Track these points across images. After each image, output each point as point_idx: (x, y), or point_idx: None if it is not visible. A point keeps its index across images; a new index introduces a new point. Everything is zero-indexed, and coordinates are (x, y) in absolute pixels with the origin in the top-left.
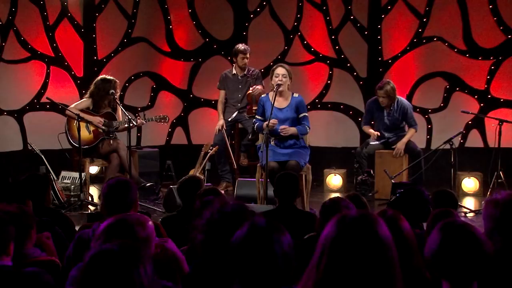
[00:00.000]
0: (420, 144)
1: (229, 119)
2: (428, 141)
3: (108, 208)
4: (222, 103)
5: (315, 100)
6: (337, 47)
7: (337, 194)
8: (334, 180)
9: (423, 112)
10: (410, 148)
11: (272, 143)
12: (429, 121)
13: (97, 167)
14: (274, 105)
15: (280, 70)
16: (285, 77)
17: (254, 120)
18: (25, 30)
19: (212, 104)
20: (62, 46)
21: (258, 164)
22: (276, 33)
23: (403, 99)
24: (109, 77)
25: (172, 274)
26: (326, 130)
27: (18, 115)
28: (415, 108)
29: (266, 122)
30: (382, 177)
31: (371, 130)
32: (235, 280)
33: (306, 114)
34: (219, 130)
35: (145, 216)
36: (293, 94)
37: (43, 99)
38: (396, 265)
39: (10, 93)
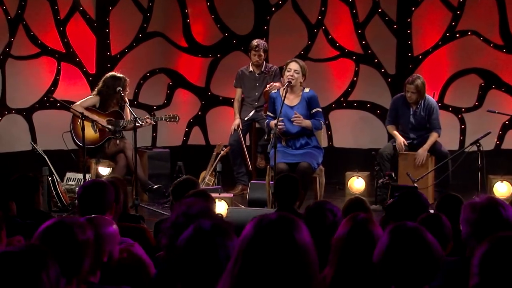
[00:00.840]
0: (453, 145)
1: (246, 118)
2: (461, 143)
3: (82, 210)
4: (238, 102)
5: (340, 98)
6: (363, 42)
7: None
8: (357, 183)
9: (456, 111)
10: (436, 150)
11: (283, 143)
12: (462, 121)
13: (108, 168)
14: (285, 102)
15: (293, 65)
16: (297, 73)
17: (267, 118)
18: (34, 24)
19: (231, 103)
20: (74, 41)
21: (268, 166)
22: (299, 27)
23: (430, 98)
24: (119, 74)
25: (138, 279)
26: (351, 130)
27: (27, 113)
28: (447, 107)
29: (274, 121)
30: (406, 181)
31: (398, 135)
32: (177, 284)
33: (320, 109)
34: (234, 129)
35: (104, 219)
36: (304, 89)
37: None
38: (314, 271)
39: (19, 90)
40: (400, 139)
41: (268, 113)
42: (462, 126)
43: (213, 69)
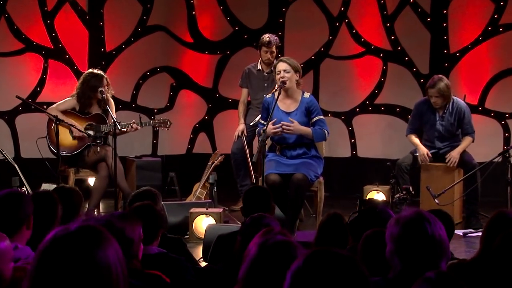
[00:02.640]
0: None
1: (251, 124)
2: (506, 153)
3: None
4: (244, 104)
5: (365, 101)
6: (392, 37)
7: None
8: (377, 198)
9: (499, 117)
10: (464, 161)
11: (277, 152)
12: (506, 128)
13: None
14: (281, 108)
15: (280, 66)
16: (287, 72)
17: (258, 125)
18: (18, 17)
19: None
20: (63, 36)
21: (260, 178)
22: (318, 20)
23: (459, 100)
24: (96, 71)
25: None
26: (377, 138)
27: (9, 117)
28: (488, 112)
29: (265, 127)
30: (429, 196)
31: (420, 146)
32: None
33: (322, 117)
34: (238, 136)
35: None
36: (303, 93)
37: (39, 98)
38: None
39: (0, 91)
40: (423, 150)
41: (261, 120)
42: (506, 134)
43: (221, 68)
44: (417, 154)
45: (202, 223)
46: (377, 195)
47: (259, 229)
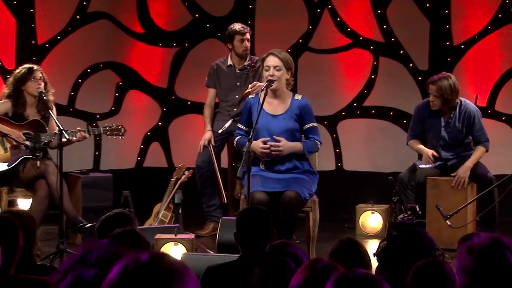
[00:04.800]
0: (508, 169)
1: (220, 131)
2: None
3: None
4: (210, 107)
5: (353, 103)
6: (385, 27)
7: (376, 242)
8: (372, 220)
9: (511, 121)
10: (478, 174)
11: (261, 166)
12: None
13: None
14: (267, 110)
15: (271, 60)
16: (278, 70)
17: (236, 132)
18: None
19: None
20: None
21: (242, 196)
22: (296, 6)
23: (469, 102)
24: (27, 65)
25: None
26: (368, 147)
27: None
28: (499, 115)
29: (250, 136)
30: (437, 216)
31: (424, 148)
32: None
33: (315, 124)
34: (204, 146)
35: None
36: (294, 95)
37: None
38: None
39: None
40: (427, 150)
41: (239, 125)
42: None
43: (178, 64)
44: (421, 166)
45: (170, 251)
46: (372, 216)
47: (283, 260)
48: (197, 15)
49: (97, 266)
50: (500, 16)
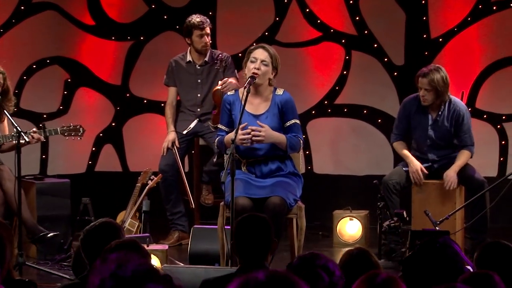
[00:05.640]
0: (489, 170)
1: (184, 132)
2: (502, 166)
3: None
4: (172, 107)
5: (323, 101)
6: (357, 18)
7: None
8: (350, 227)
9: (494, 119)
10: (467, 177)
11: (243, 168)
12: (502, 134)
13: None
14: (247, 109)
15: (259, 53)
16: (265, 65)
17: (218, 133)
18: None
19: (161, 109)
20: None
21: (222, 203)
22: None
23: (458, 100)
24: None
25: None
26: (339, 149)
27: None
28: (480, 113)
29: (231, 135)
30: (424, 222)
31: (414, 161)
32: None
33: (297, 121)
34: (168, 148)
35: None
36: (275, 90)
37: None
38: None
39: None
40: (416, 165)
41: (220, 125)
42: (503, 142)
43: (133, 59)
44: (406, 169)
45: None
46: (350, 223)
47: (316, 272)
48: (153, 6)
49: (133, 282)
50: (480, 7)
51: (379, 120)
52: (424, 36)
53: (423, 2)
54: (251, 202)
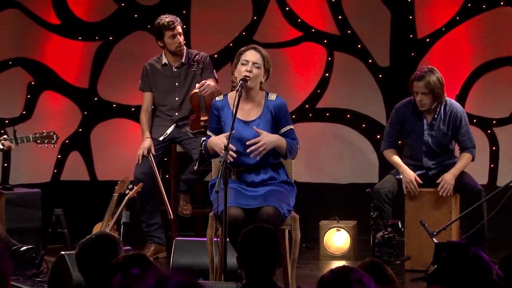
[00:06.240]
0: (479, 177)
1: (161, 138)
2: (493, 173)
3: None
4: (148, 112)
5: (304, 105)
6: (340, 17)
7: (342, 263)
8: (337, 239)
9: (484, 124)
10: (464, 184)
11: (233, 177)
12: (493, 140)
13: None
14: (237, 115)
15: (251, 55)
16: (257, 67)
17: (204, 139)
18: None
19: (132, 113)
20: None
21: (211, 214)
22: None
23: (454, 102)
24: None
25: None
26: (321, 156)
27: None
28: (470, 117)
29: (217, 138)
30: (418, 233)
31: (408, 170)
32: None
33: (292, 126)
34: (143, 156)
35: None
36: (267, 95)
37: None
38: None
39: None
40: (410, 174)
41: (208, 132)
42: (494, 148)
43: (102, 60)
44: (399, 176)
45: None
46: (338, 234)
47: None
48: (123, 4)
49: None
50: (469, 5)
51: (363, 125)
52: (411, 36)
53: (409, 0)
54: (243, 212)
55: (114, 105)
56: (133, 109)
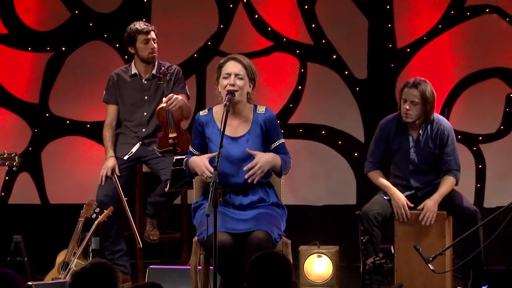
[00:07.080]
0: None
1: (126, 158)
2: (479, 194)
3: None
4: (111, 128)
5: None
6: (313, 26)
7: None
8: (318, 265)
9: (469, 140)
10: (456, 206)
11: (220, 199)
12: (479, 157)
13: None
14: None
15: (231, 67)
16: (241, 79)
17: (186, 157)
18: None
19: (87, 131)
20: None
21: (195, 239)
22: (204, 1)
23: (442, 118)
24: None
25: None
26: (294, 175)
27: None
28: (455, 133)
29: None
30: (409, 259)
31: (398, 193)
32: None
33: (283, 140)
34: (106, 177)
35: None
36: (256, 108)
37: None
38: None
39: None
40: (401, 199)
41: (191, 149)
42: (480, 166)
43: (54, 73)
44: (387, 197)
45: None
46: (318, 260)
47: None
48: (76, 11)
49: None
50: (452, 12)
51: (340, 142)
52: (390, 45)
53: (388, 7)
54: (231, 238)
55: (68, 122)
56: (88, 125)
